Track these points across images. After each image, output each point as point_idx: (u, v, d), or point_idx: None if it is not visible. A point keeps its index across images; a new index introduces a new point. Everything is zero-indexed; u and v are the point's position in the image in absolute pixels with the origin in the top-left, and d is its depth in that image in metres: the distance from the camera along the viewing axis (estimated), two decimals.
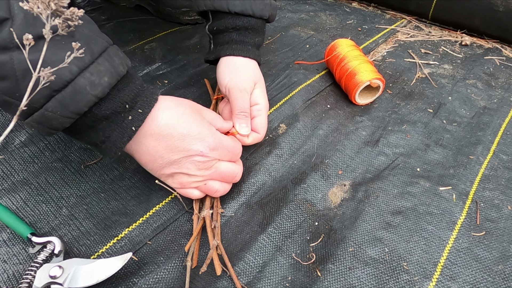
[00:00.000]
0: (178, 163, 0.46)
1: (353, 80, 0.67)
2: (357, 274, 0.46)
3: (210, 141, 0.46)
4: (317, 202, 0.54)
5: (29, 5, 0.30)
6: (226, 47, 0.59)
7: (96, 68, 0.37)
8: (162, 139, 0.44)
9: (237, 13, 0.56)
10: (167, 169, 0.47)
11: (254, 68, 0.59)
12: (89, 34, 0.38)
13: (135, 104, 0.42)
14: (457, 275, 0.45)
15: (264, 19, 0.60)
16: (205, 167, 0.47)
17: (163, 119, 0.44)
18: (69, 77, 0.36)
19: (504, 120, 0.67)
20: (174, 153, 0.45)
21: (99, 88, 0.38)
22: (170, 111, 0.45)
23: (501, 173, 0.58)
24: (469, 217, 0.52)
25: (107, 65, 0.39)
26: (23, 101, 0.30)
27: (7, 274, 0.45)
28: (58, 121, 0.37)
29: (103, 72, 0.38)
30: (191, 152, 0.45)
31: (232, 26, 0.57)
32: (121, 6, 1.00)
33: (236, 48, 0.58)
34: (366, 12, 1.03)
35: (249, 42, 0.59)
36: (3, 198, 0.52)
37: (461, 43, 0.89)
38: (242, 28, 0.58)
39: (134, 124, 0.42)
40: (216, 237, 0.47)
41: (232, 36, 0.58)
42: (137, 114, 0.42)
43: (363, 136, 0.64)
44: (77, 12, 0.34)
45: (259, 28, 0.59)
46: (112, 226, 0.50)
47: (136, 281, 0.44)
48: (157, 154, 0.45)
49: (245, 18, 0.57)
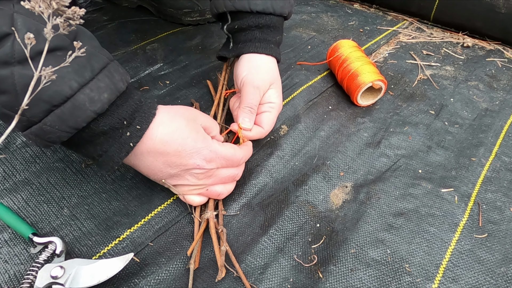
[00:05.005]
0: (178, 175, 0.47)
1: (355, 82, 0.67)
2: (359, 275, 0.45)
3: (206, 154, 0.46)
4: (319, 203, 0.54)
5: (30, 4, 0.30)
6: (249, 44, 0.59)
7: (96, 84, 0.38)
8: (159, 156, 0.44)
9: (259, 12, 0.57)
10: (168, 180, 0.48)
11: (273, 69, 0.60)
12: (90, 50, 0.38)
13: (133, 120, 0.42)
14: (460, 277, 0.45)
15: (283, 17, 0.61)
16: (204, 177, 0.48)
17: (157, 137, 0.43)
18: (69, 93, 0.36)
19: (506, 122, 0.67)
20: (172, 167, 0.45)
21: (98, 104, 0.38)
22: (164, 127, 0.44)
23: (503, 175, 0.58)
24: (471, 219, 0.51)
25: (107, 82, 0.39)
26: (24, 100, 0.30)
27: (9, 274, 0.45)
28: (56, 135, 0.37)
29: (103, 88, 0.38)
30: (188, 166, 0.45)
31: (255, 24, 0.58)
32: (123, 6, 1.01)
33: (259, 46, 0.59)
34: (367, 13, 1.03)
35: (271, 40, 0.60)
36: (5, 198, 0.52)
37: (463, 44, 0.89)
38: (264, 26, 0.59)
39: (132, 140, 0.42)
40: (224, 242, 0.47)
41: (254, 34, 0.59)
42: (135, 130, 0.42)
43: (365, 138, 0.64)
44: (79, 11, 0.34)
45: (279, 25, 0.61)
46: (113, 226, 0.50)
47: (137, 281, 0.44)
48: (156, 169, 0.46)
49: (267, 16, 0.58)
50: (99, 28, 0.91)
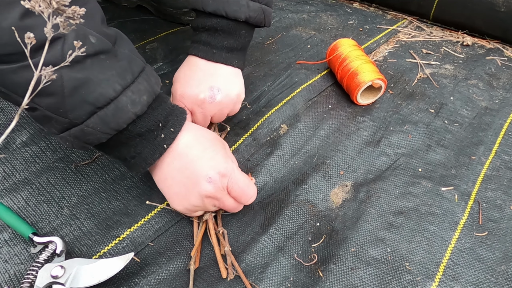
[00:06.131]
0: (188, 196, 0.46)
1: (355, 80, 0.67)
2: (359, 274, 0.45)
3: (221, 167, 0.45)
4: (319, 202, 0.54)
5: (30, 3, 0.30)
6: (194, 46, 0.57)
7: (136, 87, 0.39)
8: (177, 158, 0.45)
9: (211, 13, 0.54)
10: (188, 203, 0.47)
11: (209, 75, 0.56)
12: (129, 54, 0.40)
13: (167, 122, 0.44)
14: (460, 276, 0.45)
15: (240, 21, 0.55)
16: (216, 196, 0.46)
17: (183, 139, 0.45)
18: (113, 95, 0.37)
19: (506, 121, 0.67)
20: (184, 175, 0.45)
21: (139, 106, 0.40)
22: (191, 132, 0.46)
23: (503, 173, 0.58)
24: (471, 217, 0.51)
25: (146, 85, 0.40)
26: (25, 99, 0.30)
27: (9, 274, 0.45)
28: (96, 136, 0.39)
29: (143, 91, 0.40)
30: (200, 178, 0.44)
31: (202, 26, 0.56)
32: (122, 6, 1.00)
33: (201, 49, 0.56)
34: (367, 12, 1.03)
35: (215, 45, 0.56)
36: (5, 198, 0.52)
37: (463, 43, 0.89)
38: (211, 29, 0.55)
39: (166, 142, 0.44)
40: (226, 244, 0.47)
41: (200, 37, 0.57)
42: (169, 132, 0.44)
43: (365, 137, 0.64)
44: (79, 10, 0.34)
45: (231, 30, 0.56)
46: (113, 226, 0.50)
47: (137, 281, 0.44)
48: (168, 175, 0.46)
49: (215, 19, 0.55)
50: None
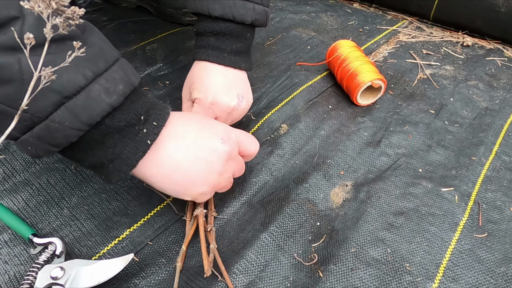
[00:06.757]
0: (204, 160, 0.43)
1: (355, 81, 0.67)
2: (359, 275, 0.45)
3: (224, 128, 0.46)
4: (319, 202, 0.54)
5: (30, 4, 0.30)
6: (202, 51, 0.56)
7: (111, 75, 0.35)
8: (180, 139, 0.42)
9: (217, 17, 0.54)
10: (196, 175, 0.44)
11: (224, 78, 0.56)
12: (101, 43, 0.37)
13: (149, 116, 0.40)
14: (460, 277, 0.45)
15: (247, 24, 0.56)
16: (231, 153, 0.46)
17: (177, 124, 0.43)
18: (83, 82, 0.33)
19: (506, 121, 0.67)
20: (194, 153, 0.43)
21: (114, 96, 0.35)
22: (181, 118, 0.44)
23: (503, 174, 0.57)
24: (471, 218, 0.51)
25: (122, 73, 0.37)
26: (25, 100, 0.30)
27: (8, 275, 0.45)
28: (64, 134, 0.34)
29: (118, 80, 0.36)
30: (213, 143, 0.44)
31: (210, 30, 0.55)
32: (122, 7, 1.00)
33: (211, 54, 0.56)
34: (367, 13, 1.03)
35: (225, 49, 0.56)
36: (5, 198, 0.52)
37: (463, 44, 0.89)
38: (220, 33, 0.55)
39: (149, 138, 0.39)
40: (212, 241, 0.47)
41: (209, 41, 0.56)
42: (152, 126, 0.39)
43: (365, 137, 0.64)
44: (78, 11, 0.34)
45: (239, 34, 0.56)
46: (113, 226, 0.50)
47: (137, 282, 0.44)
48: (175, 165, 0.42)
49: (223, 23, 0.54)
50: (99, 29, 0.90)
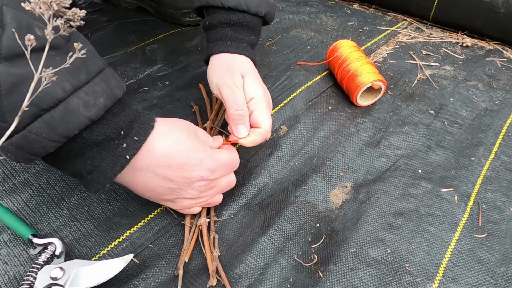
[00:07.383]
0: (179, 190, 0.44)
1: (355, 82, 0.67)
2: (359, 275, 0.45)
3: (209, 164, 0.44)
4: (319, 203, 0.54)
5: (31, 5, 0.30)
6: (219, 43, 0.54)
7: (92, 88, 0.35)
8: (160, 170, 0.41)
9: (231, 8, 0.53)
10: (168, 196, 0.44)
11: (243, 62, 0.54)
12: (86, 53, 0.36)
13: (131, 130, 0.39)
14: (460, 277, 0.45)
15: (259, 17, 0.56)
16: (206, 188, 0.46)
17: (159, 149, 0.41)
18: (61, 95, 0.32)
19: (506, 122, 0.67)
20: (174, 182, 0.43)
21: (94, 110, 0.34)
22: (165, 139, 0.41)
23: (502, 174, 0.58)
24: (471, 218, 0.51)
25: (104, 86, 0.36)
26: (25, 101, 0.30)
27: (8, 276, 0.45)
28: (42, 144, 0.33)
29: (99, 92, 0.35)
30: (192, 179, 0.43)
31: (226, 21, 0.54)
32: (122, 7, 1.00)
33: (230, 45, 0.53)
34: (367, 13, 1.03)
35: (243, 39, 0.54)
36: (4, 199, 0.52)
37: (462, 44, 0.89)
38: (236, 24, 0.54)
39: (128, 153, 0.38)
40: (216, 248, 0.47)
41: (226, 32, 0.54)
42: (133, 141, 0.39)
43: (365, 138, 0.64)
44: (79, 12, 0.34)
45: (254, 25, 0.56)
46: (113, 227, 0.50)
47: (137, 284, 0.44)
48: (155, 184, 0.42)
49: (239, 14, 0.54)
50: (99, 29, 0.91)
